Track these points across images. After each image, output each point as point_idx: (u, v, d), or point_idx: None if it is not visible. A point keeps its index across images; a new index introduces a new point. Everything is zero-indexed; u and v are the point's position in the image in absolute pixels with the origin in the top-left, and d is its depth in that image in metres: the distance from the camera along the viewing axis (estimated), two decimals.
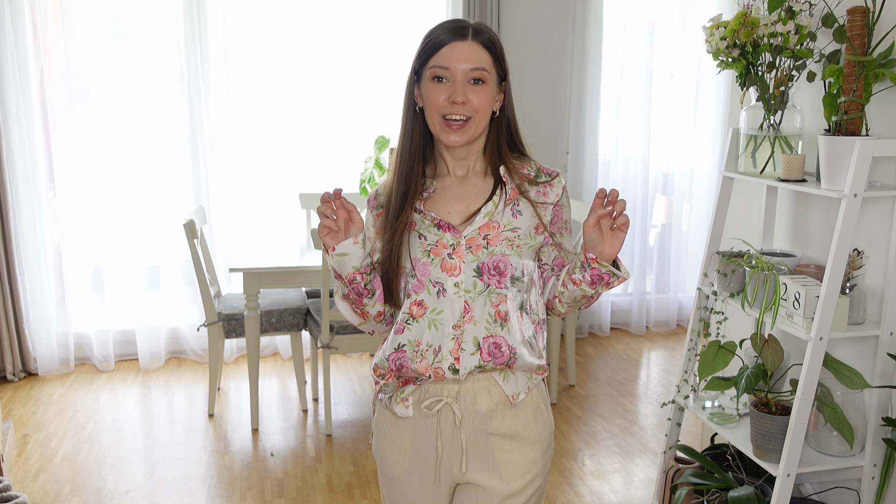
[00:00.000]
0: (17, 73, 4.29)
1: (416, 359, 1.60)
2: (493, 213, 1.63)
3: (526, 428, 1.67)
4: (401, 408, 1.66)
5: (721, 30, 2.52)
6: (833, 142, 2.27)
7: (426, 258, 1.60)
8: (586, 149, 5.06)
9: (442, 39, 1.60)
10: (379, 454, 1.74)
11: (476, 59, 1.59)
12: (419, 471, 1.68)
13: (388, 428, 1.71)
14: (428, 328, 1.61)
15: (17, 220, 4.39)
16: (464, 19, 1.64)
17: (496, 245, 1.61)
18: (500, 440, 1.65)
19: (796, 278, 2.37)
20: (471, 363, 1.60)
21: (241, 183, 4.78)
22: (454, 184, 1.67)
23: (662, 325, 5.46)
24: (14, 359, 4.46)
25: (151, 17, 4.55)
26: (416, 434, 1.67)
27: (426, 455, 1.67)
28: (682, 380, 2.90)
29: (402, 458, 1.69)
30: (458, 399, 1.63)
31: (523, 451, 1.66)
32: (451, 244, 1.61)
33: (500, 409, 1.64)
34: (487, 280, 1.61)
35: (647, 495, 3.30)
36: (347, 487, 3.34)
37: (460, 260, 1.60)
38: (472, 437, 1.64)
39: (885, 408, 2.44)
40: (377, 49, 4.79)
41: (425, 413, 1.64)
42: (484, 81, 1.60)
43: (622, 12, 5.06)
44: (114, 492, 3.30)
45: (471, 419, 1.63)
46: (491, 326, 1.61)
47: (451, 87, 1.59)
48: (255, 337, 3.81)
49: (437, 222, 1.62)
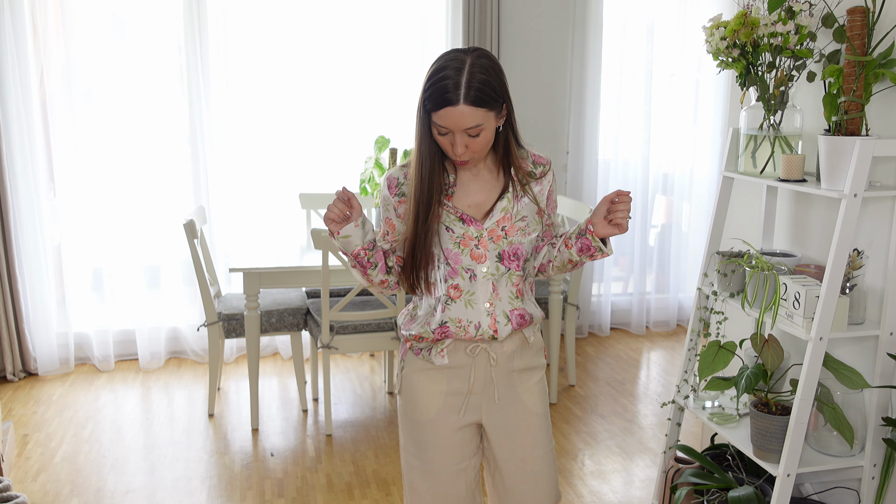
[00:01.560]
0: (17, 73, 4.29)
1: (460, 332, 1.95)
2: (507, 208, 1.93)
3: (534, 359, 2.08)
4: (438, 357, 1.98)
5: (721, 30, 2.52)
6: (833, 142, 2.27)
7: (457, 249, 1.91)
8: (586, 149, 5.06)
9: (437, 102, 1.77)
10: (412, 399, 2.02)
11: (469, 120, 1.78)
12: (450, 409, 2.00)
13: (422, 375, 2.01)
14: (465, 307, 1.94)
15: (17, 220, 4.39)
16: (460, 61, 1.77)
17: (513, 235, 1.93)
18: (519, 374, 2.04)
19: (796, 278, 2.37)
20: (506, 332, 1.97)
21: (241, 183, 4.78)
22: (470, 179, 1.95)
23: (662, 325, 5.46)
24: (14, 359, 4.46)
25: (151, 17, 4.55)
26: (450, 376, 1.99)
27: (458, 392, 2.00)
28: (682, 380, 2.90)
29: (437, 397, 2.00)
30: (490, 346, 1.99)
31: (533, 376, 2.07)
32: (476, 236, 1.91)
33: (520, 350, 2.03)
34: (508, 264, 1.94)
35: (647, 495, 3.30)
36: (347, 487, 3.34)
37: (485, 249, 1.92)
38: (500, 374, 2.01)
39: (885, 408, 2.44)
40: (377, 49, 4.79)
41: (466, 355, 1.98)
42: (479, 133, 1.81)
43: (622, 12, 5.06)
44: (114, 492, 3.30)
45: (501, 360, 2.00)
46: (513, 301, 1.97)
47: (452, 138, 1.81)
48: (255, 337, 3.81)
49: (462, 216, 1.91)
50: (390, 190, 1.94)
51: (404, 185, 1.93)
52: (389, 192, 1.95)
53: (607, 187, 5.20)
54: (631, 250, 5.37)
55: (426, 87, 1.80)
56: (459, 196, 1.93)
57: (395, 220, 1.96)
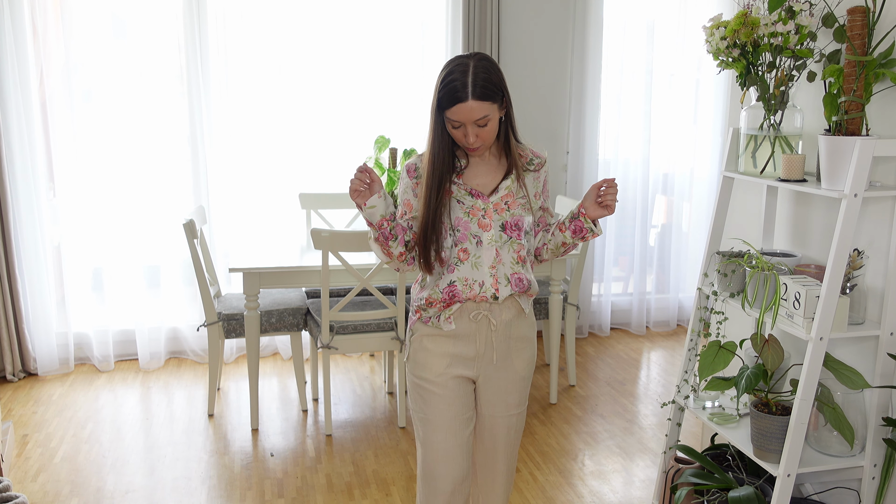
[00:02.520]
0: (17, 73, 4.29)
1: (466, 290, 2.22)
2: (511, 186, 2.25)
3: (529, 331, 2.36)
4: (446, 324, 2.25)
5: (721, 30, 2.52)
6: (833, 142, 2.27)
7: (467, 217, 2.21)
8: (586, 149, 5.05)
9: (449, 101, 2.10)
10: (422, 360, 2.29)
11: (478, 113, 2.11)
12: (457, 367, 2.28)
13: (431, 340, 2.28)
14: (472, 268, 2.22)
15: (17, 220, 4.39)
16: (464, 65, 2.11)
17: (515, 209, 2.24)
18: (515, 342, 2.32)
19: (796, 278, 2.37)
20: (506, 292, 2.24)
21: (241, 183, 4.78)
22: (478, 162, 2.28)
23: (662, 325, 5.46)
24: (14, 359, 4.45)
25: (151, 17, 4.54)
26: (457, 340, 2.26)
27: (464, 355, 2.27)
28: (682, 380, 2.90)
29: (444, 359, 2.27)
30: (491, 312, 2.25)
31: (527, 348, 2.35)
32: (483, 208, 2.22)
33: (517, 319, 2.30)
34: (510, 233, 2.23)
35: (648, 495, 3.30)
36: (347, 487, 3.34)
37: (490, 219, 2.21)
38: (499, 339, 2.28)
39: (885, 408, 2.44)
40: (377, 49, 4.78)
41: (470, 321, 2.25)
42: (487, 123, 2.13)
43: (622, 12, 5.06)
44: (114, 492, 3.30)
45: (500, 326, 2.27)
46: (514, 266, 2.25)
47: (465, 130, 2.14)
48: (255, 337, 3.81)
49: (470, 191, 2.22)
50: (409, 174, 2.26)
51: (420, 168, 2.24)
52: (409, 176, 2.26)
53: None
54: (631, 250, 5.36)
55: (439, 89, 2.13)
56: (469, 176, 2.26)
57: (412, 200, 2.26)
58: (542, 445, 3.72)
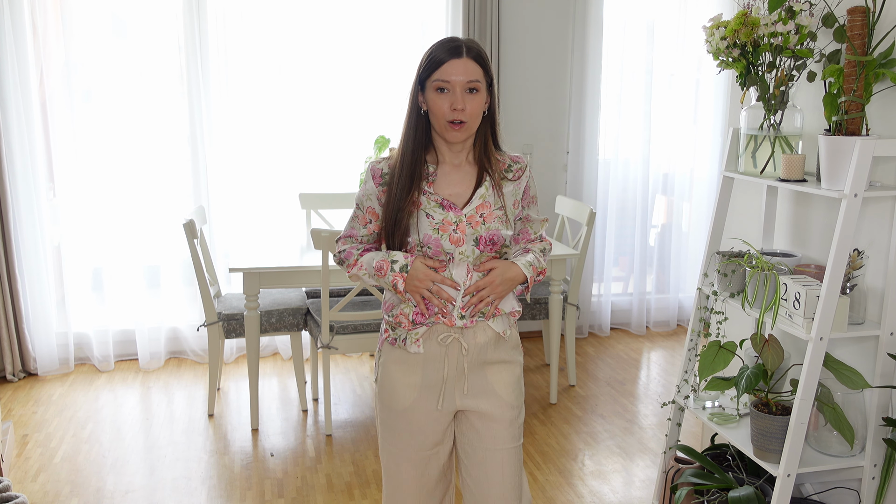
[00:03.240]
0: (17, 73, 4.29)
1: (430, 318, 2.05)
2: (485, 195, 2.06)
3: (510, 355, 2.16)
4: (413, 346, 2.07)
5: (721, 30, 2.52)
6: (833, 142, 2.27)
7: (436, 234, 2.01)
8: (586, 149, 5.05)
9: (442, 57, 1.98)
10: (389, 389, 2.11)
11: (471, 72, 1.97)
12: (426, 398, 2.09)
13: (398, 365, 2.10)
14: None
15: (17, 220, 4.39)
16: (457, 38, 2.02)
17: (491, 222, 2.05)
18: (492, 366, 2.12)
19: (796, 278, 2.37)
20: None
21: (241, 183, 4.78)
22: (451, 170, 2.08)
23: (662, 325, 5.46)
24: (14, 359, 4.45)
25: (151, 17, 4.54)
26: (425, 365, 2.08)
27: (433, 382, 2.08)
28: (682, 380, 2.90)
29: (412, 389, 2.08)
30: (462, 335, 2.07)
31: (509, 370, 2.15)
32: (455, 221, 2.02)
33: (493, 343, 2.11)
34: (483, 248, 2.05)
35: (648, 495, 3.30)
36: (347, 487, 3.34)
37: (462, 234, 2.02)
38: (472, 364, 2.09)
39: (885, 408, 2.43)
40: (377, 49, 4.79)
41: (439, 345, 2.06)
42: (477, 90, 1.99)
43: (622, 12, 5.06)
44: (114, 492, 3.30)
45: (472, 351, 2.08)
46: None
47: (451, 97, 1.97)
48: (255, 337, 3.81)
49: (441, 202, 2.03)
50: (374, 180, 2.07)
51: (388, 175, 2.06)
52: (374, 182, 2.07)
53: (607, 187, 5.20)
54: (631, 250, 5.37)
55: (427, 57, 2.00)
56: (440, 184, 2.06)
57: (377, 209, 2.08)
58: (542, 445, 3.72)
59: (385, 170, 2.07)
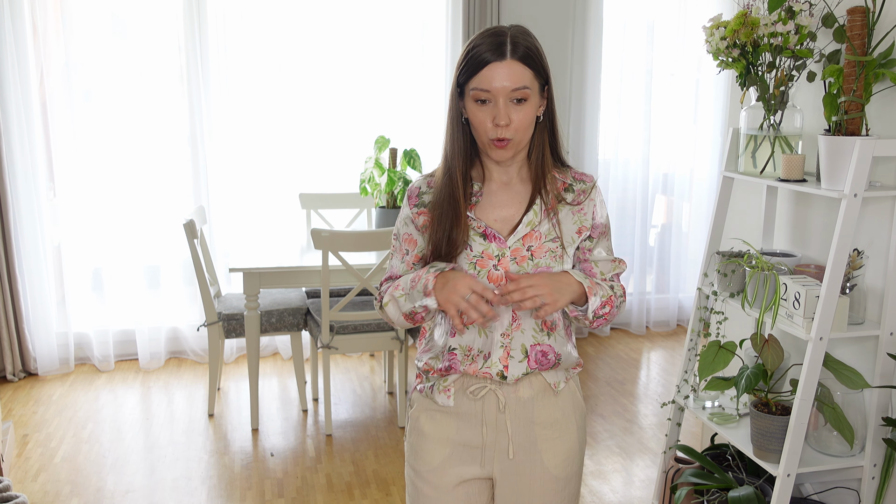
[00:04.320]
0: (17, 72, 4.29)
1: (465, 362, 1.67)
2: (534, 222, 1.65)
3: (565, 416, 1.73)
4: (442, 397, 1.70)
5: (721, 30, 2.52)
6: (833, 142, 2.27)
7: (473, 270, 1.64)
8: (586, 149, 5.05)
9: (482, 59, 1.57)
10: (416, 448, 1.76)
11: (516, 79, 1.57)
12: (461, 459, 1.71)
13: (428, 419, 1.74)
14: (478, 335, 1.66)
15: (17, 220, 4.39)
16: (501, 29, 1.60)
17: (540, 257, 1.64)
18: (542, 429, 1.70)
19: (796, 278, 2.37)
20: (519, 370, 1.66)
21: (241, 183, 4.78)
22: (498, 189, 1.69)
23: (662, 325, 5.46)
24: (14, 359, 4.45)
25: (151, 17, 4.55)
26: (460, 422, 1.70)
27: (470, 443, 1.70)
28: (682, 380, 2.90)
29: (443, 447, 1.72)
30: (500, 387, 1.68)
31: (563, 439, 1.72)
32: (497, 255, 1.64)
33: (541, 397, 1.70)
34: None
35: (647, 495, 3.30)
36: (347, 487, 3.34)
37: (506, 271, 1.63)
38: (515, 424, 1.69)
39: (885, 408, 2.43)
40: (377, 49, 4.79)
41: (470, 398, 1.68)
42: (526, 99, 1.59)
43: (622, 12, 5.06)
44: (114, 492, 3.30)
45: (514, 406, 1.68)
46: (538, 335, 1.67)
47: (493, 109, 1.58)
48: (255, 337, 3.81)
49: (484, 231, 1.64)
50: (410, 200, 1.71)
51: (426, 194, 1.69)
52: (409, 203, 1.71)
53: (607, 187, 5.20)
54: (631, 250, 5.36)
55: (465, 57, 1.60)
56: (485, 208, 1.67)
57: (416, 235, 1.70)
58: None
59: (423, 188, 1.70)
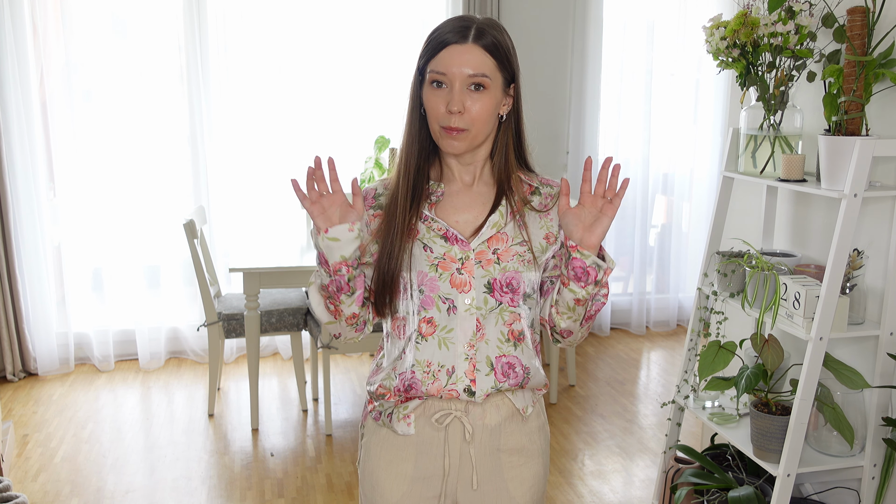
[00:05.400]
0: (17, 72, 4.29)
1: (426, 380, 1.53)
2: (500, 224, 1.54)
3: (531, 441, 1.63)
4: (402, 425, 1.57)
5: (721, 30, 2.52)
6: (833, 142, 2.27)
7: (434, 272, 1.52)
8: (586, 149, 5.05)
9: (443, 40, 1.48)
10: (372, 479, 1.62)
11: (476, 65, 1.47)
12: (420, 492, 1.59)
13: (383, 449, 1.61)
14: (438, 347, 1.53)
15: (17, 220, 4.39)
16: (470, 17, 1.52)
17: (507, 261, 1.53)
18: (509, 456, 1.60)
19: (796, 278, 2.37)
20: (486, 384, 1.53)
21: (241, 183, 4.78)
22: (461, 190, 1.58)
23: (662, 325, 5.46)
24: (14, 359, 4.45)
25: (151, 17, 4.55)
26: (419, 452, 1.58)
27: (430, 474, 1.59)
28: (682, 380, 2.90)
29: (402, 481, 1.59)
30: (467, 413, 1.56)
31: (529, 465, 1.63)
32: (460, 258, 1.52)
33: (508, 423, 1.59)
34: (499, 297, 1.53)
35: (647, 495, 3.30)
36: (347, 487, 3.34)
37: (470, 275, 1.51)
38: (481, 452, 1.58)
39: (885, 408, 2.44)
40: (377, 49, 4.79)
41: (434, 427, 1.56)
42: (485, 87, 1.49)
43: (622, 12, 5.06)
44: (114, 492, 3.30)
45: (480, 434, 1.57)
46: (503, 346, 1.55)
47: (449, 94, 1.48)
48: (255, 337, 3.81)
49: (444, 233, 1.53)
50: (366, 202, 1.59)
51: (382, 196, 1.58)
52: (365, 205, 1.59)
53: None
54: (631, 250, 5.37)
55: (427, 39, 1.52)
56: (445, 208, 1.56)
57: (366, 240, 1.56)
58: None
59: (380, 189, 1.60)
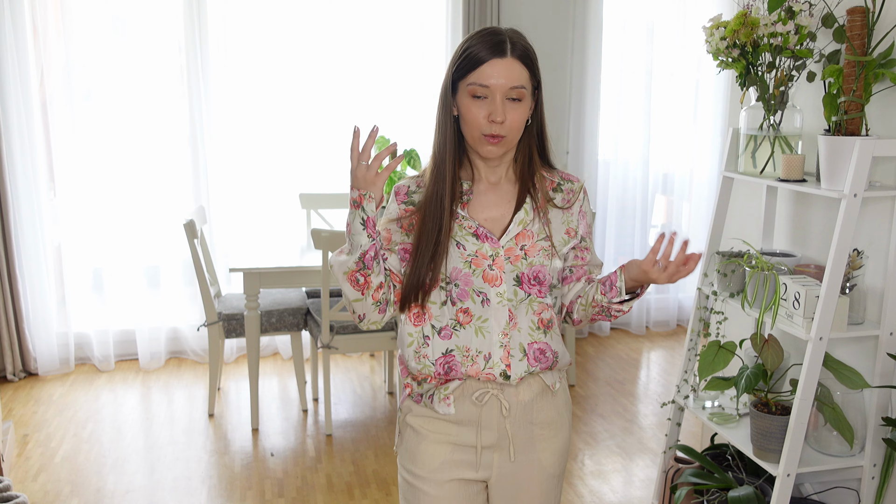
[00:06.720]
0: (17, 72, 4.29)
1: (466, 363, 1.68)
2: (525, 220, 1.69)
3: (560, 414, 1.79)
4: (443, 406, 1.71)
5: (721, 30, 2.52)
6: (833, 142, 2.27)
7: (467, 269, 1.66)
8: (586, 149, 5.06)
9: (481, 56, 1.61)
10: (412, 452, 1.75)
11: (515, 77, 1.62)
12: (459, 462, 1.73)
13: (424, 423, 1.74)
14: (475, 335, 1.68)
15: (17, 220, 4.39)
16: (497, 29, 1.65)
17: (534, 256, 1.69)
18: (541, 428, 1.75)
19: (796, 278, 2.37)
20: (521, 369, 1.69)
21: (241, 183, 4.78)
22: (488, 189, 1.72)
23: (662, 325, 5.46)
24: (14, 359, 4.46)
25: (151, 17, 4.55)
26: (459, 428, 1.72)
27: (468, 446, 1.72)
28: (682, 380, 2.90)
29: (442, 451, 1.72)
30: (503, 391, 1.70)
31: (558, 436, 1.79)
32: (491, 255, 1.67)
33: (540, 399, 1.74)
34: (528, 289, 1.69)
35: (647, 495, 3.30)
36: (347, 487, 3.34)
37: (500, 270, 1.67)
38: (516, 426, 1.73)
39: (884, 408, 2.44)
40: (377, 50, 4.79)
41: (473, 404, 1.70)
42: (521, 99, 1.63)
43: (622, 12, 5.06)
44: (114, 492, 3.30)
45: (515, 410, 1.72)
46: (534, 333, 1.70)
47: (490, 105, 1.61)
48: (255, 337, 3.81)
49: (475, 231, 1.67)
50: (398, 197, 1.72)
51: (416, 193, 1.71)
52: (396, 200, 1.72)
53: (607, 187, 5.20)
54: (631, 250, 5.37)
55: (462, 53, 1.63)
56: (475, 208, 1.70)
57: (396, 232, 1.71)
58: None
59: (413, 187, 1.72)
